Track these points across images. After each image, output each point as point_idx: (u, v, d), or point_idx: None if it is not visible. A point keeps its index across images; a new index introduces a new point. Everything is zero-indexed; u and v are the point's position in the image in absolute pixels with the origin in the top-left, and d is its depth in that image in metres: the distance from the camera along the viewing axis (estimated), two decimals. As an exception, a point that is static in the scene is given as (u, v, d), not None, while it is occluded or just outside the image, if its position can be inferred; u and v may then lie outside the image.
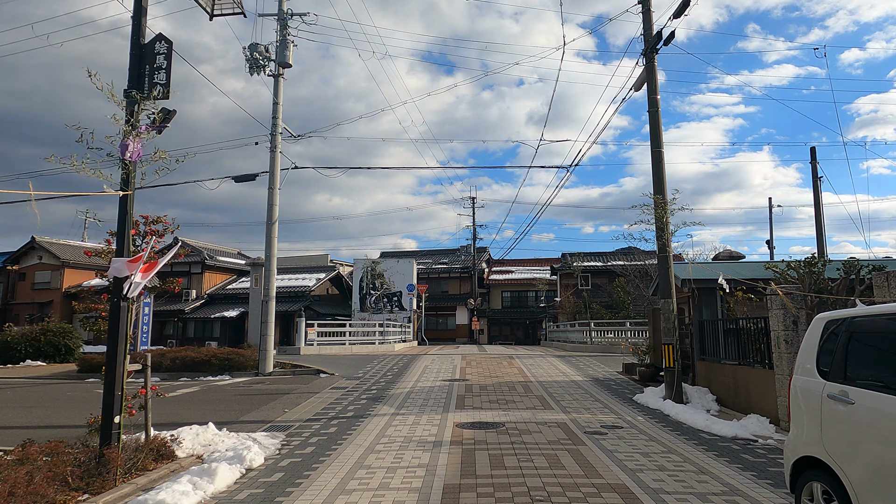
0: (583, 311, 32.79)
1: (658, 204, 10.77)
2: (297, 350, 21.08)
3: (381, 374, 14.92)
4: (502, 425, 8.38)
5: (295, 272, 40.38)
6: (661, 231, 10.71)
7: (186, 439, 6.96)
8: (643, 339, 21.34)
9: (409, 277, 36.98)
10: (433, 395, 11.26)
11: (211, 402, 10.88)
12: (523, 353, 21.98)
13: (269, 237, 16.30)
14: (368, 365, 16.92)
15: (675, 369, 10.39)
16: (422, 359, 18.89)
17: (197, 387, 13.25)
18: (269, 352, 15.80)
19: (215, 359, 15.84)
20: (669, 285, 10.76)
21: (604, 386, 12.66)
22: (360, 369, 15.86)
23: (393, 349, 23.74)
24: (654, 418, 9.06)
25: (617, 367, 15.95)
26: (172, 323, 37.13)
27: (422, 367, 16.20)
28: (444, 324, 46.44)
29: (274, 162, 16.62)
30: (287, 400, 11.00)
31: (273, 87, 16.81)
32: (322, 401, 10.85)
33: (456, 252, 50.82)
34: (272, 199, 16.41)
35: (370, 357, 19.78)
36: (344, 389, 12.27)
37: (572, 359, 18.80)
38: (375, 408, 10.00)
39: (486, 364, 17.12)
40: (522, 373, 14.98)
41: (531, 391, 11.82)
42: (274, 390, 12.44)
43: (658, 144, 11.15)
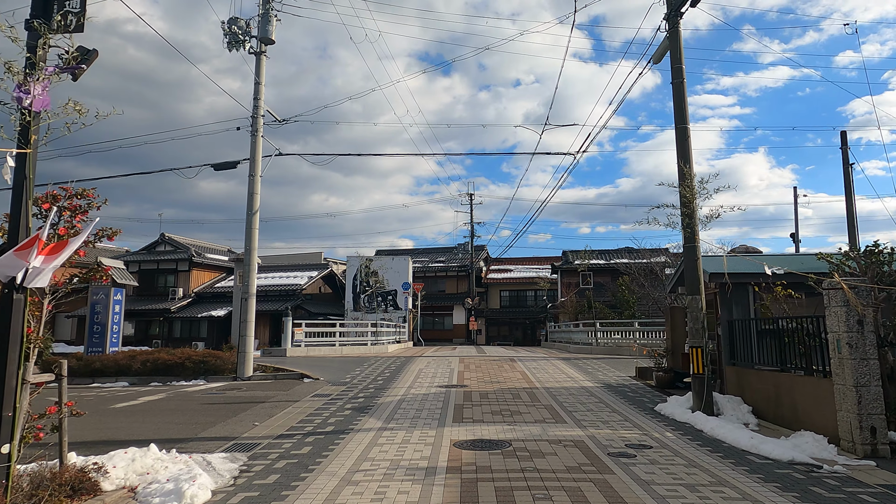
0: (586, 310, 31.49)
1: (685, 186, 9.44)
2: (284, 352, 19.71)
3: (371, 378, 13.56)
4: (508, 444, 7.03)
5: (286, 270, 38.99)
6: (689, 217, 9.38)
7: (118, 466, 5.59)
8: (654, 340, 20.03)
9: (405, 275, 35.62)
10: (427, 405, 9.90)
11: (173, 413, 9.51)
12: (525, 355, 20.65)
13: (250, 228, 14.92)
14: (358, 368, 15.56)
15: (705, 376, 9.06)
16: (416, 361, 17.54)
17: (163, 393, 11.87)
18: (249, 354, 14.43)
19: (189, 361, 14.46)
20: (697, 279, 9.43)
21: (619, 393, 11.33)
22: (349, 373, 14.51)
23: (386, 350, 22.39)
24: (686, 434, 7.72)
25: (629, 371, 14.62)
26: (158, 322, 35.69)
27: (416, 371, 14.85)
28: (440, 324, 45.08)
29: (255, 147, 15.25)
30: (260, 410, 9.64)
31: (255, 65, 15.43)
32: (300, 411, 9.49)
33: (453, 250, 49.47)
34: (253, 186, 15.04)
35: (361, 359, 18.42)
36: (327, 397, 10.91)
37: (578, 362, 17.47)
38: (360, 421, 8.64)
39: (486, 367, 15.78)
40: (526, 377, 13.64)
41: (538, 400, 10.48)
42: (248, 398, 11.08)
43: (683, 120, 9.82)
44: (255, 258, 14.97)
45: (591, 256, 37.30)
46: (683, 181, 9.48)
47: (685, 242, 9.56)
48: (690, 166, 9.65)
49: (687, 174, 9.51)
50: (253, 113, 15.36)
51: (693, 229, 9.39)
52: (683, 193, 9.42)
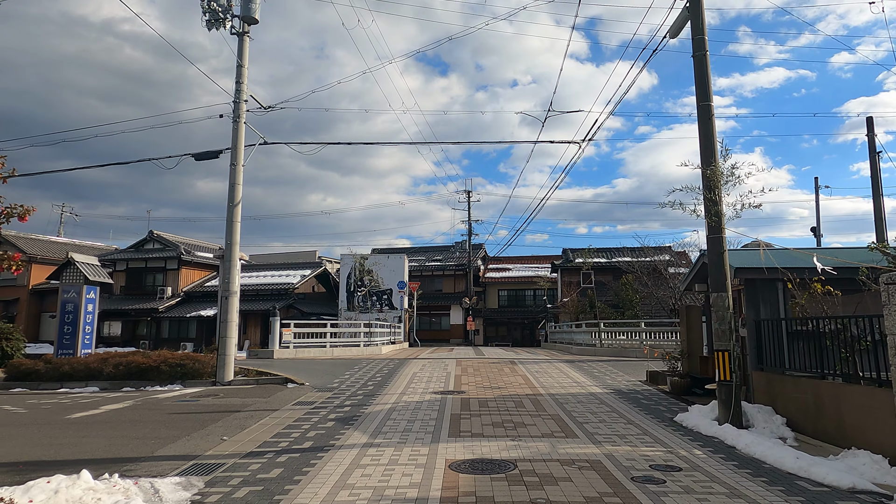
0: (588, 310, 30.51)
1: (708, 172, 8.42)
2: (271, 354, 18.65)
3: (361, 383, 12.51)
4: (513, 466, 6.00)
5: (278, 269, 37.91)
6: (714, 204, 8.35)
7: (36, 500, 4.55)
8: (663, 341, 19.03)
9: (400, 274, 34.56)
10: (420, 415, 8.86)
11: (133, 426, 8.45)
12: (525, 357, 19.62)
13: (231, 221, 13.87)
14: (348, 372, 14.51)
15: (733, 383, 8.04)
16: (411, 364, 16.50)
17: (131, 401, 10.81)
18: (230, 356, 13.38)
19: (165, 365, 13.39)
20: (723, 274, 8.40)
21: (631, 400, 10.30)
22: (337, 377, 13.46)
23: (380, 352, 21.35)
24: (717, 452, 6.69)
25: (639, 376, 13.60)
26: (145, 322, 34.59)
27: (410, 375, 13.81)
28: (437, 324, 44.05)
29: (237, 134, 14.19)
30: (232, 421, 8.59)
31: (237, 47, 14.38)
32: (278, 423, 8.44)
33: (450, 249, 48.42)
34: (234, 177, 13.98)
35: (352, 362, 17.38)
36: (311, 405, 9.87)
37: (583, 364, 16.44)
38: (343, 434, 7.60)
39: (485, 371, 14.74)
40: (529, 382, 12.61)
41: (544, 408, 9.45)
42: (223, 406, 10.02)
43: (706, 97, 8.80)
44: (236, 253, 13.92)
45: (593, 255, 36.32)
46: (707, 164, 8.45)
47: (709, 233, 8.53)
48: (714, 148, 8.62)
49: (707, 170, 8.48)
50: (235, 98, 14.30)
51: (719, 218, 8.36)
52: (708, 176, 8.39)
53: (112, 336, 34.27)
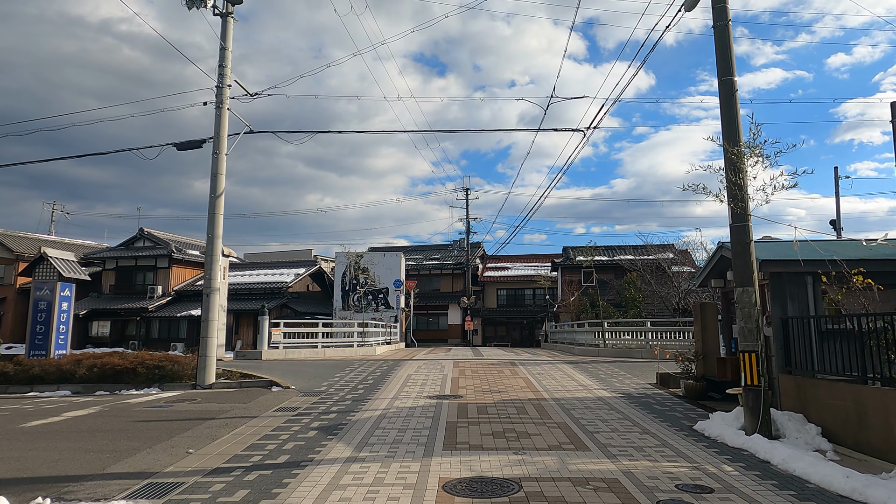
0: (589, 309, 29.68)
1: (732, 153, 7.58)
2: (259, 354, 17.78)
3: (351, 387, 11.66)
4: (517, 486, 5.16)
5: (272, 267, 37.04)
6: (739, 189, 7.51)
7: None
8: (672, 341, 18.20)
9: (397, 273, 33.71)
10: (413, 423, 8.01)
11: (92, 436, 7.59)
12: (526, 358, 18.78)
13: (213, 214, 13.00)
14: (338, 374, 13.66)
15: (762, 388, 7.20)
16: (406, 365, 15.65)
17: (98, 406, 9.94)
18: (211, 358, 12.52)
19: (142, 367, 12.53)
20: (750, 267, 7.55)
21: (643, 406, 9.46)
22: (326, 380, 12.60)
23: (374, 353, 20.48)
24: (751, 469, 5.85)
25: (647, 378, 12.76)
26: (135, 322, 33.68)
27: (404, 378, 12.95)
28: (435, 323, 43.21)
29: (220, 121, 13.33)
30: (204, 430, 7.73)
31: (220, 28, 13.51)
32: (254, 432, 7.58)
33: (448, 248, 47.55)
34: (217, 166, 13.12)
35: (345, 363, 16.52)
36: (293, 412, 9.01)
37: (587, 366, 15.60)
38: (326, 446, 6.74)
39: (484, 373, 13.89)
40: (531, 385, 11.76)
41: (549, 415, 8.60)
42: (198, 413, 9.16)
43: (728, 71, 7.97)
44: (219, 247, 13.05)
45: (594, 253, 35.52)
46: (732, 143, 7.61)
47: (733, 221, 7.68)
48: (738, 126, 7.79)
49: (731, 151, 7.64)
50: (218, 82, 13.44)
51: (744, 204, 7.52)
52: (732, 159, 7.55)
53: (101, 336, 33.37)
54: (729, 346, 10.40)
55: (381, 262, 34.02)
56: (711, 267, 10.32)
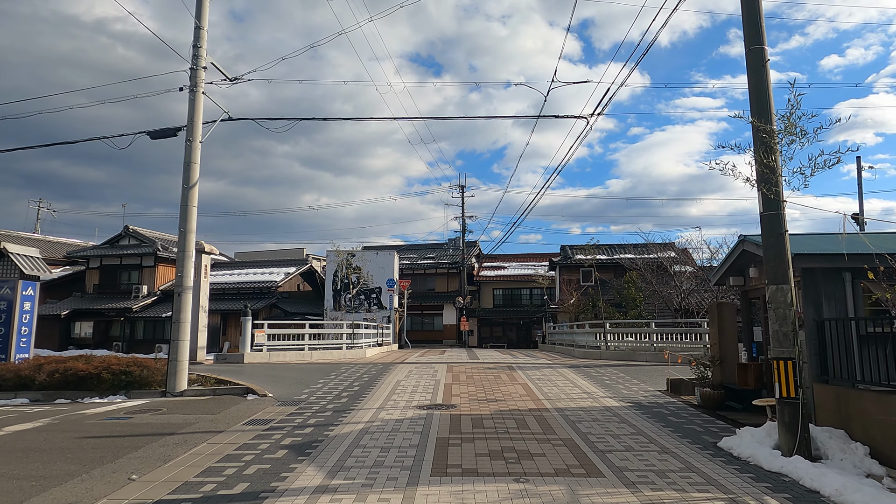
0: (589, 309, 28.76)
1: (762, 130, 6.61)
2: (241, 357, 16.76)
3: (334, 394, 10.66)
4: (521, 528, 4.17)
5: (261, 266, 35.99)
6: (771, 171, 6.54)
7: None
8: (678, 344, 17.25)
9: (390, 271, 32.70)
10: (398, 440, 7.02)
11: (24, 457, 6.55)
12: (524, 361, 17.81)
13: (186, 206, 11.97)
14: (323, 379, 12.65)
15: (799, 401, 6.24)
16: (396, 369, 14.65)
17: (49, 418, 8.89)
18: (182, 363, 11.49)
19: (108, 373, 11.48)
20: (784, 262, 6.58)
21: (657, 418, 8.49)
22: (309, 386, 11.61)
23: (364, 355, 19.47)
24: (800, 502, 4.88)
25: (656, 384, 11.81)
26: (118, 323, 32.54)
27: (393, 384, 11.96)
28: (429, 324, 42.23)
29: (195, 106, 12.31)
30: (158, 449, 6.71)
31: (195, 5, 12.48)
32: (215, 451, 6.58)
33: (443, 247, 46.57)
34: (190, 154, 12.09)
35: (331, 367, 15.51)
36: (265, 425, 8.01)
37: (590, 370, 14.64)
38: (293, 471, 5.74)
39: (480, 378, 12.91)
40: (531, 393, 10.79)
41: (553, 430, 7.62)
42: (158, 426, 8.14)
43: (758, 39, 7.01)
44: (191, 242, 12.03)
45: (596, 251, 34.62)
46: (763, 120, 6.64)
47: (763, 209, 6.72)
48: (769, 101, 6.82)
49: (761, 128, 6.68)
50: (192, 64, 12.41)
51: (777, 188, 6.55)
52: (762, 137, 6.58)
53: (83, 337, 32.27)
54: (750, 350, 9.45)
55: (374, 260, 33.00)
56: (731, 263, 9.36)
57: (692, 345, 17.14)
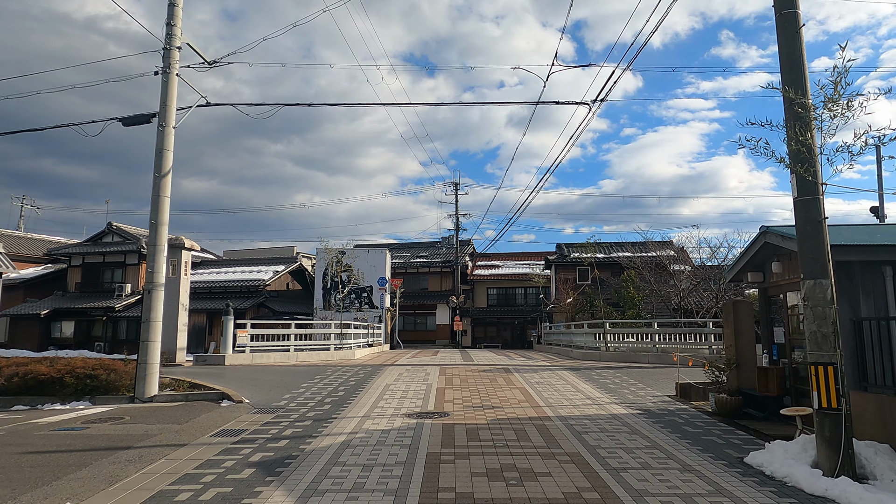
0: (586, 309, 28.01)
1: (797, 104, 5.81)
2: (222, 359, 15.87)
3: (317, 400, 9.81)
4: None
5: (249, 264, 35.05)
6: (806, 151, 5.75)
7: None
8: (680, 344, 16.47)
9: (381, 270, 31.83)
10: (383, 457, 6.18)
11: (-48, 476, 5.67)
12: (521, 363, 17.00)
13: (157, 196, 11.09)
14: (306, 383, 11.79)
15: (842, 413, 5.44)
16: (386, 372, 13.81)
17: (-5, 429, 7.99)
18: (152, 365, 10.61)
19: (71, 376, 10.58)
20: (822, 254, 5.79)
21: (671, 427, 7.68)
22: (290, 391, 10.75)
23: (353, 356, 18.60)
24: (860, 538, 4.08)
25: (664, 388, 11.03)
26: (101, 323, 31.50)
27: (381, 388, 11.12)
28: (422, 324, 41.42)
29: (168, 89, 11.43)
30: (104, 468, 5.85)
31: (169, -19, 11.59)
32: (171, 470, 5.72)
33: (436, 245, 45.76)
34: (163, 140, 11.20)
35: (317, 369, 14.64)
36: (235, 437, 7.15)
37: (591, 373, 13.84)
38: (258, 496, 4.90)
39: (474, 382, 12.09)
40: (530, 398, 9.97)
41: (557, 442, 6.80)
42: (114, 439, 7.26)
43: (790, 2, 6.21)
44: (163, 235, 11.14)
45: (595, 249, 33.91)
46: (796, 92, 5.84)
47: (798, 193, 5.92)
48: (803, 70, 6.03)
49: (800, 82, 5.89)
50: (165, 43, 11.52)
51: (815, 169, 5.75)
52: (797, 112, 5.77)
53: (64, 338, 31.20)
54: (770, 352, 8.66)
55: (365, 258, 32.11)
56: (749, 258, 8.57)
57: (696, 346, 16.38)
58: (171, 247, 18.15)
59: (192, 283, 33.29)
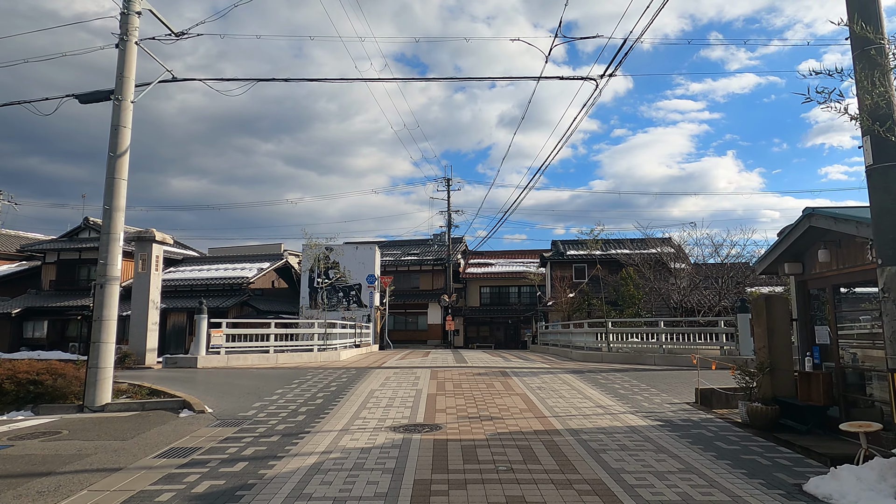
0: (584, 307, 26.92)
1: (869, 43, 4.67)
2: (194, 361, 14.60)
3: (291, 410, 8.59)
4: None
5: (233, 261, 33.67)
6: (884, 104, 4.61)
7: None
8: (689, 344, 15.36)
9: (370, 267, 30.59)
10: (359, 485, 4.98)
11: None
12: (518, 365, 15.83)
13: (112, 178, 9.83)
14: (281, 389, 10.58)
15: (939, 433, 4.30)
16: (371, 375, 12.61)
17: None
18: (105, 370, 9.37)
19: (11, 382, 9.32)
20: (907, 234, 4.65)
21: (702, 443, 6.53)
22: (262, 398, 9.53)
23: (338, 358, 17.36)
24: None
25: (679, 394, 9.91)
26: (76, 322, 30.07)
27: (365, 394, 9.92)
28: (413, 323, 40.21)
29: (125, 59, 10.17)
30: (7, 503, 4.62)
31: (128, -61, 10.33)
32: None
33: (428, 243, 44.51)
34: (119, 117, 9.94)
35: (297, 372, 13.42)
36: (184, 458, 5.93)
37: (596, 376, 12.69)
38: (188, 549, 3.68)
39: (469, 387, 10.91)
40: (533, 407, 8.80)
41: (571, 464, 5.63)
42: (36, 461, 6.02)
43: (861, -72, 5.07)
44: (119, 223, 9.89)
45: (585, 246, 32.82)
46: (870, 29, 4.70)
47: (873, 160, 4.78)
48: (878, 3, 4.89)
49: (874, 20, 4.75)
50: (123, 8, 10.25)
51: (893, 124, 4.62)
52: (868, 54, 4.64)
53: (37, 338, 29.73)
54: (812, 355, 7.53)
55: (354, 255, 30.86)
56: (788, 245, 7.43)
57: (707, 347, 15.29)
58: (141, 240, 16.86)
59: (174, 280, 31.95)
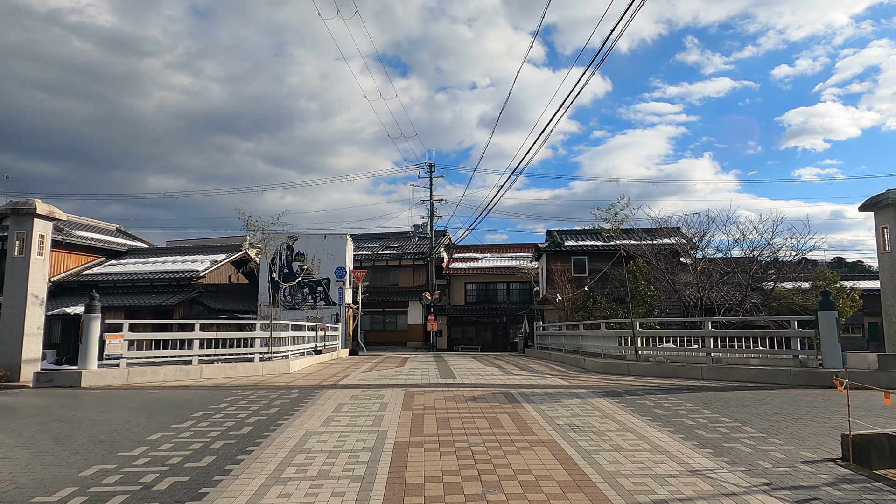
0: (589, 305, 23.28)
1: None
2: (77, 377, 10.58)
3: (132, 493, 4.69)
4: None
5: (185, 253, 29.53)
6: None
7: None
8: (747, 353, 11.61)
9: (341, 259, 26.64)
10: None
11: None
12: (523, 381, 12.01)
13: None
14: (163, 432, 6.66)
15: None
16: (318, 401, 8.73)
17: None
18: None
19: None
20: None
21: None
22: (110, 457, 5.62)
23: (287, 370, 13.41)
24: None
25: (802, 438, 6.16)
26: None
27: (290, 446, 6.04)
28: (392, 324, 36.37)
29: None
30: None
31: None
32: None
33: (408, 235, 40.62)
34: None
35: (217, 394, 9.50)
36: None
37: (640, 401, 8.91)
38: None
39: (462, 425, 7.07)
40: (578, 474, 4.98)
41: None
42: None
43: None
44: None
45: (583, 237, 29.15)
46: None
47: None
48: None
49: None
50: None
51: None
52: None
53: (-54, 341, 25.30)
54: None
55: (321, 245, 26.87)
56: None
57: (768, 355, 11.63)
58: (17, 213, 12.79)
59: (113, 275, 27.66)
